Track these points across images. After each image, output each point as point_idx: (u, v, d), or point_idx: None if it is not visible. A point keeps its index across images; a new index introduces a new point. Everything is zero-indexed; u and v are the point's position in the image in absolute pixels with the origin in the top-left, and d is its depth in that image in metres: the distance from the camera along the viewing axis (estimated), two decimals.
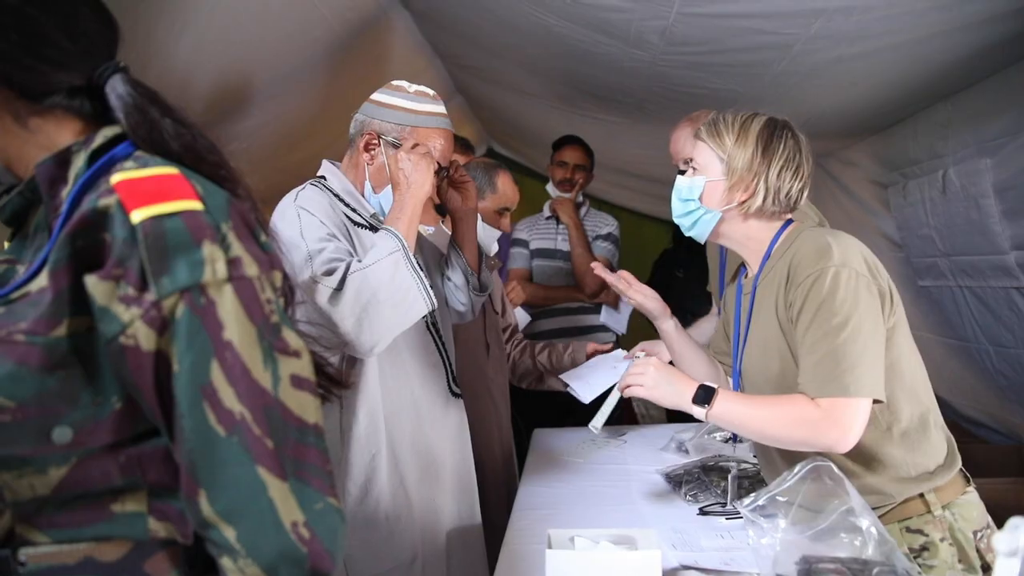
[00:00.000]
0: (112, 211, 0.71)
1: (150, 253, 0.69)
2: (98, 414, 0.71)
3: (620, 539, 1.40)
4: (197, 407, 0.70)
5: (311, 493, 0.74)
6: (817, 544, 1.24)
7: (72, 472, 0.72)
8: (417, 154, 1.61)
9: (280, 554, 0.72)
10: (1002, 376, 2.82)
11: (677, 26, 2.19)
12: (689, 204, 1.52)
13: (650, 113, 3.28)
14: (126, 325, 0.69)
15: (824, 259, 1.36)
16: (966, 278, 2.72)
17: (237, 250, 0.73)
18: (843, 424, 1.32)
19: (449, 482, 1.77)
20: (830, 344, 1.33)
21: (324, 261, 1.48)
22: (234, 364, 0.71)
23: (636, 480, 2.11)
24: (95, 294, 0.70)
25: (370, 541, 1.62)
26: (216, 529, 0.72)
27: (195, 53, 2.25)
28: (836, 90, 2.54)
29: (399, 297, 1.48)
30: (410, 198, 1.59)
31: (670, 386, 1.45)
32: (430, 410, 1.73)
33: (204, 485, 0.71)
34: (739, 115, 1.50)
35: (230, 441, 0.70)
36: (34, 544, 0.73)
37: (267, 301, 0.75)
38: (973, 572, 1.38)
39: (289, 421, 0.74)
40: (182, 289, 0.69)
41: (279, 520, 0.72)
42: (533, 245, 3.27)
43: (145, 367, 0.70)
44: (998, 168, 2.30)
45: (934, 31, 1.98)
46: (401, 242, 1.51)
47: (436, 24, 3.19)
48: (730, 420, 1.43)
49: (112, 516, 0.75)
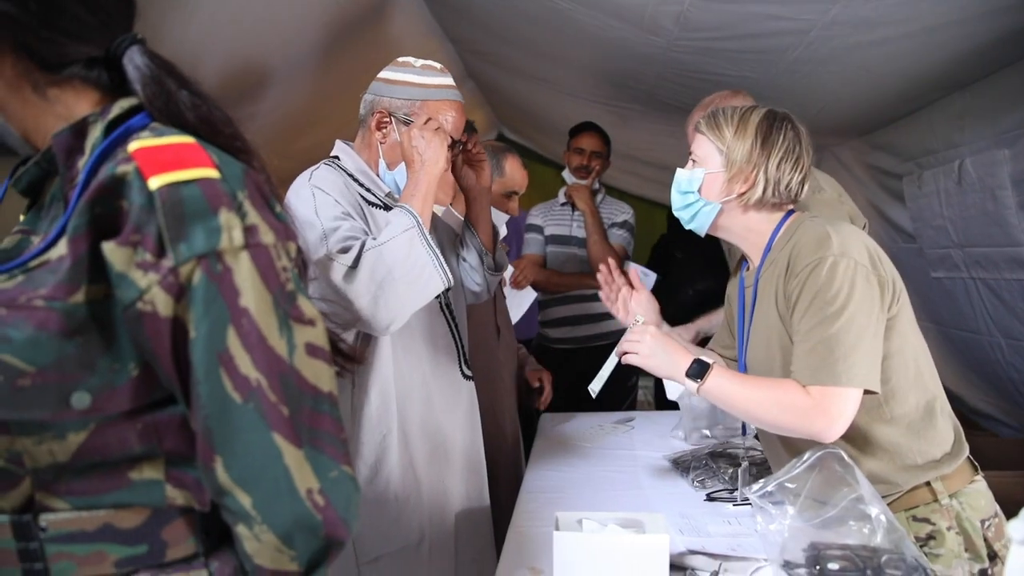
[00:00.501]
0: (130, 178, 0.71)
1: (168, 219, 0.69)
2: (115, 380, 0.72)
3: (628, 523, 1.40)
4: (213, 373, 0.70)
5: (326, 461, 0.75)
6: (825, 531, 1.23)
7: (91, 438, 0.72)
8: (429, 129, 1.60)
9: (295, 521, 0.73)
10: (1013, 369, 2.80)
11: (692, 11, 2.17)
12: (688, 196, 1.51)
13: (662, 100, 3.26)
14: (143, 291, 0.70)
15: (823, 248, 1.36)
16: (980, 270, 2.70)
17: (253, 218, 0.74)
18: (831, 413, 1.32)
19: (459, 464, 1.77)
20: (824, 332, 1.33)
21: (339, 239, 1.48)
22: (250, 331, 0.71)
23: (643, 465, 2.11)
24: (112, 260, 0.70)
25: (379, 521, 1.62)
26: (232, 496, 0.72)
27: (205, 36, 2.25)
28: (851, 78, 2.51)
29: (415, 274, 1.47)
30: (424, 175, 1.58)
31: (665, 356, 1.46)
32: (441, 392, 1.73)
33: (220, 452, 0.71)
34: (738, 108, 1.50)
35: (246, 408, 0.71)
36: (54, 511, 0.74)
37: (283, 269, 0.75)
38: (980, 561, 1.38)
39: (304, 389, 0.75)
40: (199, 255, 0.70)
41: (294, 487, 0.73)
42: (548, 231, 3.26)
43: (162, 333, 0.70)
44: (1016, 159, 2.28)
45: (952, 18, 1.95)
46: (416, 219, 1.51)
47: (448, 8, 3.17)
48: (720, 397, 1.42)
49: (130, 483, 0.75)
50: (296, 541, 0.74)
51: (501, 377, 2.27)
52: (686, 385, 1.44)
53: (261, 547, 0.74)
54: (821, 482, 1.26)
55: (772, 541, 1.26)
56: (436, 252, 1.51)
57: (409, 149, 1.61)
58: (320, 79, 2.95)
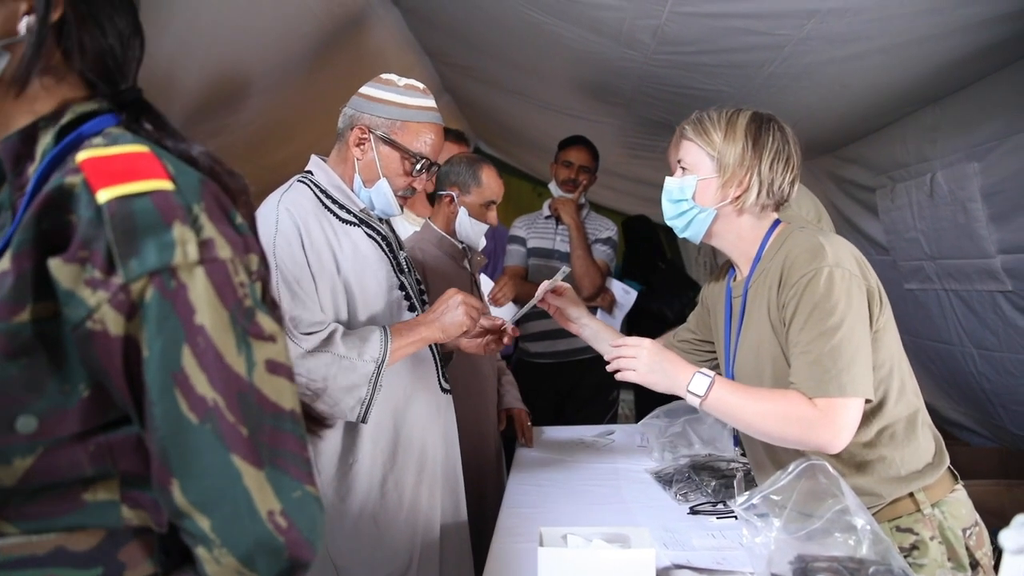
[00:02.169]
0: (78, 190, 0.68)
1: (117, 234, 0.66)
2: (66, 403, 0.68)
3: (613, 537, 1.39)
4: (168, 394, 0.68)
5: (288, 481, 0.73)
6: (811, 543, 1.23)
7: (39, 462, 0.69)
8: (464, 304, 1.61)
9: (256, 543, 0.71)
10: (985, 379, 2.85)
11: (669, 25, 2.19)
12: (682, 204, 1.50)
13: (639, 114, 3.28)
14: (93, 309, 0.66)
15: (818, 259, 1.36)
16: (952, 281, 2.74)
17: (209, 231, 0.71)
18: (838, 424, 1.32)
19: (439, 481, 1.75)
20: (826, 344, 1.32)
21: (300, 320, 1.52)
22: (206, 349, 0.69)
23: (624, 479, 2.10)
24: (59, 277, 0.66)
25: (360, 548, 1.59)
26: (190, 519, 0.70)
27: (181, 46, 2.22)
28: (826, 93, 2.55)
29: (338, 398, 1.52)
30: (429, 332, 1.60)
31: (663, 373, 1.43)
32: (422, 407, 1.71)
33: (176, 474, 0.69)
34: (723, 111, 1.49)
35: (203, 428, 0.68)
36: (3, 535, 0.70)
37: (240, 284, 0.72)
38: (962, 570, 1.38)
39: (264, 407, 0.72)
40: (151, 272, 0.67)
41: (255, 509, 0.70)
42: (530, 244, 3.25)
43: (114, 352, 0.67)
44: (986, 172, 2.32)
45: (925, 34, 1.98)
46: (383, 358, 1.54)
47: (425, 21, 3.17)
48: (723, 410, 1.41)
49: (84, 505, 0.72)
50: (258, 564, 0.71)
51: (484, 391, 2.26)
52: (687, 399, 1.41)
53: (221, 570, 0.72)
54: (806, 494, 1.26)
55: (758, 554, 1.25)
56: (374, 395, 1.54)
57: (386, 166, 1.64)
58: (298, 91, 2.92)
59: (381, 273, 1.65)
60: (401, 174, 1.65)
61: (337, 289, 1.58)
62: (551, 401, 3.15)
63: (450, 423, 1.82)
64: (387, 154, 1.64)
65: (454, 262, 2.27)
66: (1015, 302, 2.46)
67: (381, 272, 1.65)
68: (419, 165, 1.65)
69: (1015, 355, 2.60)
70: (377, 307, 1.63)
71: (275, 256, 1.51)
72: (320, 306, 1.54)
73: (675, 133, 1.56)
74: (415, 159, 1.64)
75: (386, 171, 1.65)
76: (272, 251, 1.52)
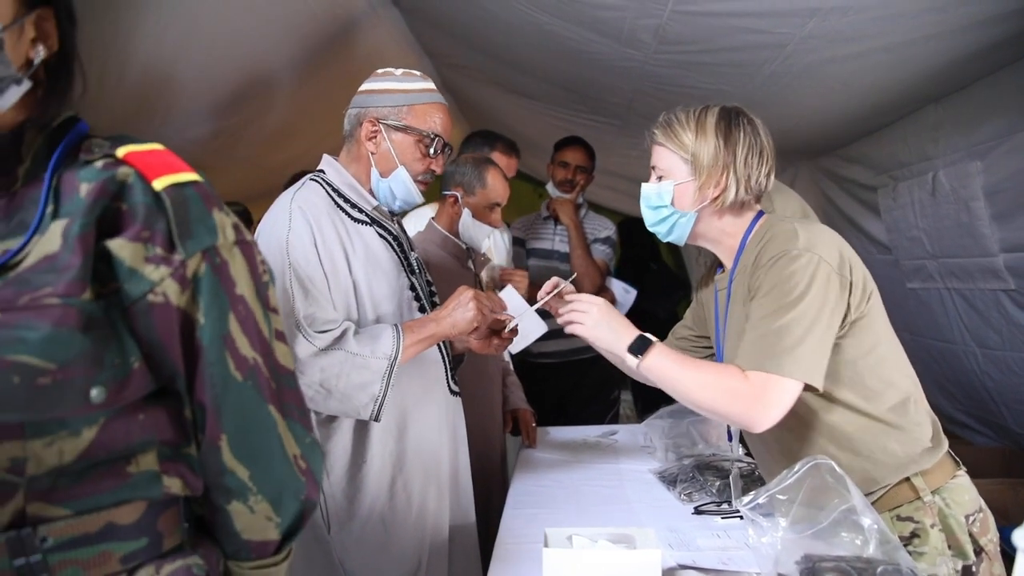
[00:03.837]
0: (131, 180, 0.77)
1: (177, 217, 0.76)
2: (119, 374, 0.75)
3: (618, 538, 1.38)
4: (221, 355, 0.79)
5: (300, 430, 0.87)
6: (818, 543, 1.22)
7: (100, 434, 0.75)
8: (475, 300, 1.62)
9: (285, 485, 0.85)
10: (988, 378, 2.84)
11: (671, 24, 2.18)
12: (661, 211, 1.49)
13: (639, 114, 3.28)
14: (155, 283, 0.75)
15: (788, 243, 1.36)
16: (954, 280, 2.73)
17: (234, 218, 0.83)
18: (766, 401, 1.32)
19: (447, 483, 1.74)
20: (774, 322, 1.32)
21: (313, 317, 1.51)
22: (247, 316, 0.81)
23: (628, 479, 2.10)
24: (122, 256, 0.74)
25: (369, 551, 1.59)
26: (232, 474, 0.82)
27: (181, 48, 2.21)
28: (827, 92, 2.54)
29: (351, 394, 1.51)
30: (439, 329, 1.60)
31: (610, 330, 1.45)
32: (429, 409, 1.70)
33: (226, 430, 0.81)
34: (691, 111, 1.47)
35: (245, 385, 0.81)
36: (52, 520, 0.74)
37: (261, 262, 0.85)
38: (964, 557, 1.36)
39: (278, 368, 0.85)
40: (203, 250, 0.78)
41: (286, 453, 0.85)
42: (530, 245, 3.25)
43: (172, 321, 0.77)
44: (988, 171, 2.32)
45: (927, 33, 1.98)
46: (396, 354, 1.53)
47: (426, 21, 3.16)
48: (660, 376, 1.41)
49: (129, 478, 0.78)
50: (283, 505, 0.86)
51: (490, 392, 2.25)
52: (626, 360, 1.42)
53: (253, 519, 0.85)
54: (813, 493, 1.25)
55: (765, 554, 1.24)
56: (388, 392, 1.53)
57: (403, 153, 1.65)
58: (298, 92, 2.92)
59: (392, 273, 1.65)
60: (418, 158, 1.66)
61: (348, 289, 1.58)
62: (553, 401, 3.14)
63: (459, 425, 1.81)
64: (401, 140, 1.65)
65: (457, 262, 2.26)
66: (1018, 300, 2.45)
67: (392, 272, 1.65)
68: (434, 145, 1.66)
69: (1018, 353, 2.59)
70: (387, 307, 1.63)
71: (288, 255, 1.51)
72: (333, 305, 1.54)
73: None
74: (430, 139, 1.65)
75: (403, 158, 1.65)
76: (286, 249, 1.51)
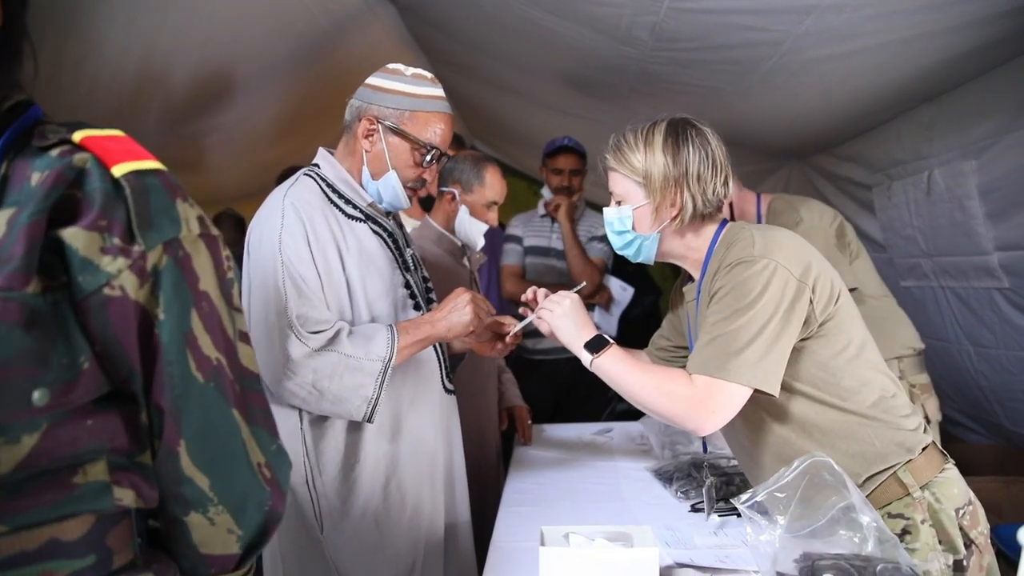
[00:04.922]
0: (88, 166, 0.71)
1: (137, 206, 0.71)
2: (68, 375, 0.68)
3: (615, 536, 1.38)
4: (182, 354, 0.73)
5: (266, 435, 0.81)
6: (816, 541, 1.22)
7: (42, 440, 0.67)
8: (471, 303, 1.61)
9: (248, 494, 0.79)
10: (982, 376, 2.85)
11: (667, 22, 2.18)
12: (626, 236, 1.50)
13: (636, 112, 3.26)
14: (112, 276, 0.69)
15: (744, 251, 1.36)
16: (948, 279, 2.74)
17: (199, 210, 0.77)
18: (710, 406, 1.33)
19: (442, 482, 1.73)
20: (724, 327, 1.33)
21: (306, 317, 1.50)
22: (211, 313, 0.75)
23: (624, 476, 2.09)
24: (76, 245, 0.68)
25: (363, 552, 1.58)
26: (190, 483, 0.75)
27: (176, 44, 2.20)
28: (823, 89, 2.55)
29: (345, 397, 1.50)
30: (435, 330, 1.59)
31: (573, 326, 1.49)
32: (424, 408, 1.69)
33: (185, 435, 0.74)
34: (639, 130, 1.47)
35: (207, 387, 0.75)
36: None
37: (227, 258, 0.79)
38: (955, 552, 1.35)
39: (242, 371, 0.80)
40: (166, 242, 0.72)
41: (250, 461, 0.78)
42: (527, 242, 3.24)
43: (129, 317, 0.71)
44: (983, 170, 2.32)
45: (922, 31, 1.98)
46: (390, 355, 1.53)
47: (421, 19, 3.15)
48: (610, 375, 1.44)
49: (75, 489, 0.70)
50: (246, 516, 0.79)
51: (486, 390, 2.24)
52: (581, 357, 1.46)
53: (213, 531, 0.78)
54: (811, 491, 1.25)
55: (763, 552, 1.24)
56: (381, 394, 1.52)
57: (395, 158, 1.62)
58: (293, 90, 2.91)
59: (386, 271, 1.63)
60: (411, 165, 1.63)
61: (341, 287, 1.56)
62: (549, 398, 3.14)
63: (454, 424, 1.80)
64: (396, 145, 1.61)
65: (453, 259, 2.25)
66: (1012, 299, 2.46)
67: (386, 270, 1.63)
68: (429, 156, 1.63)
69: (1012, 352, 2.60)
70: (381, 306, 1.61)
71: (281, 253, 1.49)
72: (326, 304, 1.53)
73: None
74: (425, 149, 1.62)
75: (395, 162, 1.62)
76: (278, 248, 1.50)
